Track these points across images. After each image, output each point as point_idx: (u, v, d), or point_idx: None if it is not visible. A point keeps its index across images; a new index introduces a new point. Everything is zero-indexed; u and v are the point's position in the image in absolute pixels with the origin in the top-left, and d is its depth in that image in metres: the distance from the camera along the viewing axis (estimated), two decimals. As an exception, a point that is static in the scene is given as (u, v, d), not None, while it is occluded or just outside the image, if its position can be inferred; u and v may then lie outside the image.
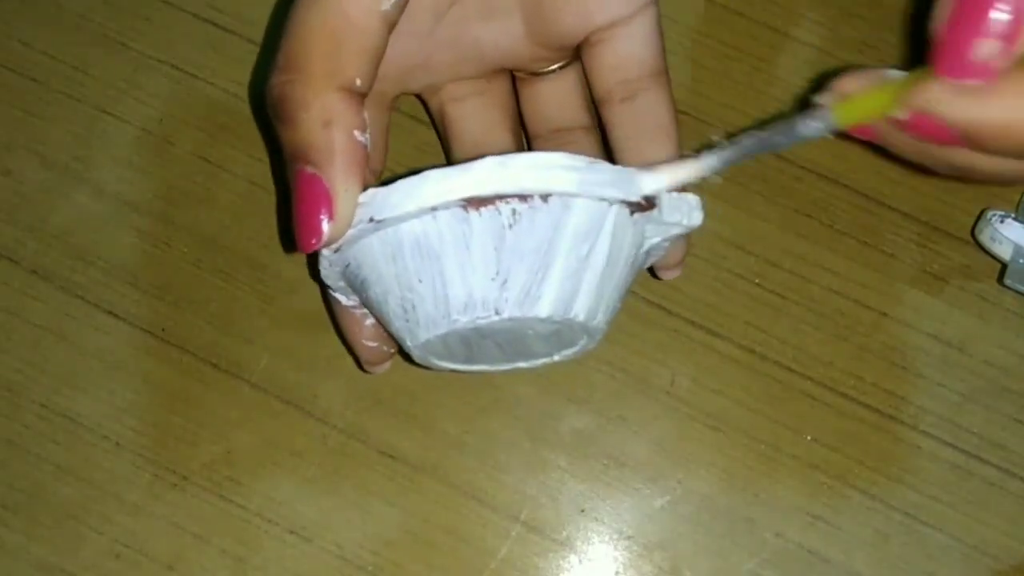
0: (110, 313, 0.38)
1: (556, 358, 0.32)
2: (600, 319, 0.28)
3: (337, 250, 0.28)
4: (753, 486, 0.37)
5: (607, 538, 0.36)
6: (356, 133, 0.26)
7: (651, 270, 0.34)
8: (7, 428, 0.37)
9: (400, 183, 0.26)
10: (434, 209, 0.26)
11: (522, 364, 0.32)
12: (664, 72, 0.32)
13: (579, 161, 0.26)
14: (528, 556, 0.36)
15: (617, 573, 0.36)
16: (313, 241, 0.26)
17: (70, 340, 0.37)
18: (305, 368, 0.37)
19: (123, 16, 0.40)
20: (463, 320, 0.27)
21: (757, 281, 0.38)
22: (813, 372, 0.37)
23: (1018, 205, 0.38)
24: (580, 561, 0.36)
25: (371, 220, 0.26)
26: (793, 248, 0.38)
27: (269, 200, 0.38)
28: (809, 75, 0.40)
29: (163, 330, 0.37)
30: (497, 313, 0.26)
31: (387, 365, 0.34)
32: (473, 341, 0.29)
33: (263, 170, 0.39)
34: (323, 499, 0.36)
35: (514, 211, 0.26)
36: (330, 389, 0.37)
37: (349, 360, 0.37)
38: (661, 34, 0.32)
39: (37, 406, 0.37)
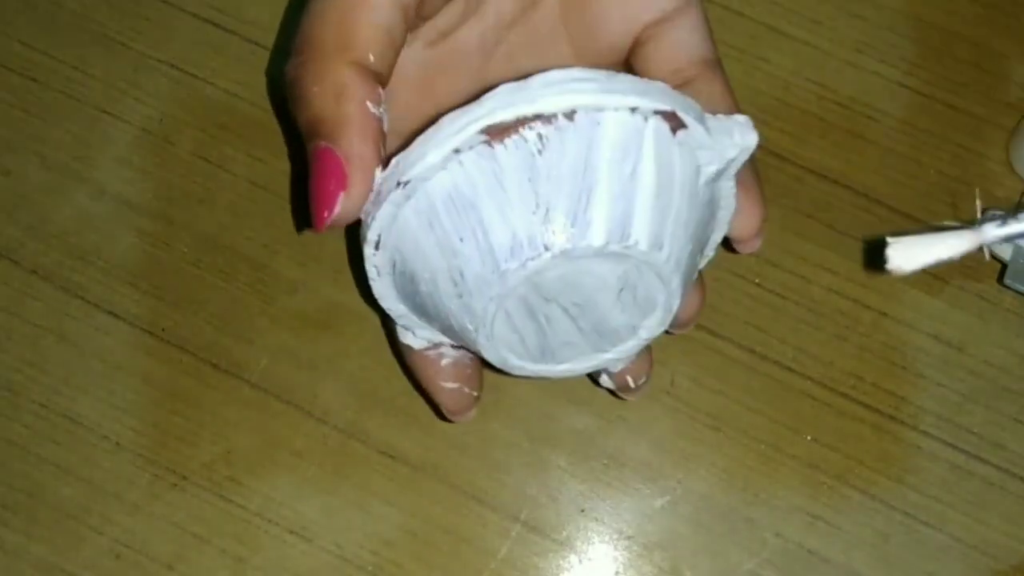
0: (110, 313, 0.38)
1: (644, 335, 0.28)
2: (667, 253, 0.25)
3: (377, 247, 0.27)
4: (753, 486, 0.37)
5: (607, 538, 0.36)
6: (369, 105, 0.26)
7: (729, 246, 0.32)
8: (7, 428, 0.37)
9: (417, 140, 0.25)
10: (457, 152, 0.25)
11: (609, 353, 0.29)
12: (718, 62, 0.31)
13: (597, 73, 0.25)
14: (528, 556, 0.36)
15: (617, 573, 0.36)
16: (326, 213, 0.25)
17: (70, 340, 0.37)
18: (305, 368, 0.37)
19: (123, 16, 0.40)
20: (513, 267, 0.25)
21: (757, 281, 0.38)
22: (813, 372, 0.37)
23: (1018, 205, 0.38)
24: (580, 561, 0.36)
25: (399, 185, 0.25)
26: (793, 248, 0.38)
27: (269, 200, 0.38)
28: (809, 75, 0.40)
29: (163, 330, 0.37)
30: (547, 248, 0.24)
31: (472, 413, 0.33)
32: (539, 311, 0.27)
33: (263, 170, 0.39)
34: (323, 499, 0.36)
35: (540, 135, 0.24)
36: (330, 389, 0.37)
37: (349, 360, 0.37)
38: (710, 28, 0.32)
39: (37, 406, 0.37)
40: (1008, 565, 0.36)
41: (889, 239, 0.27)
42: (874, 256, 0.38)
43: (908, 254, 0.27)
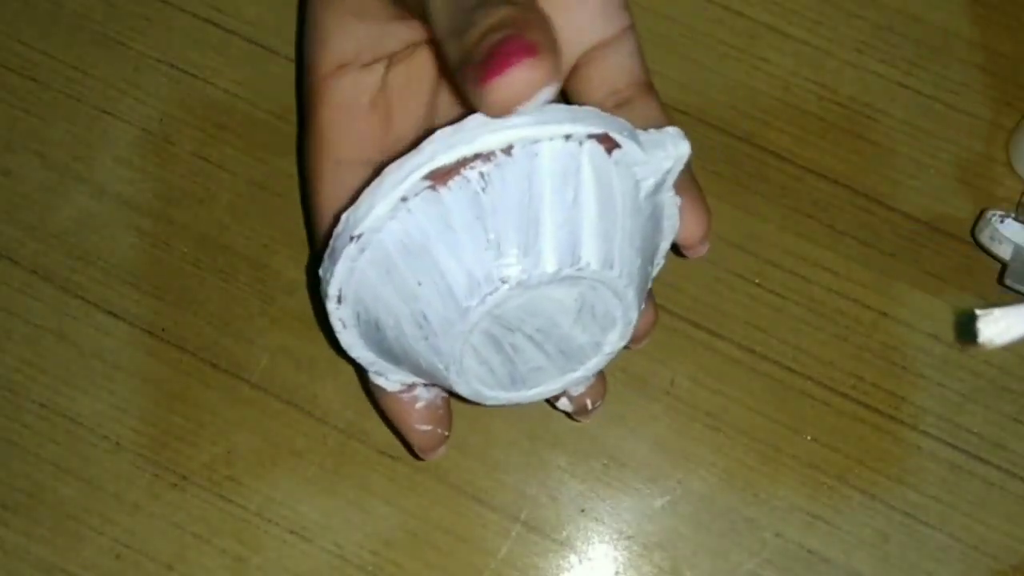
0: (110, 313, 0.38)
1: (607, 350, 0.29)
2: (618, 270, 0.26)
3: (339, 300, 0.27)
4: (753, 486, 0.37)
5: (607, 538, 0.36)
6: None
7: (678, 251, 0.32)
8: (7, 428, 0.37)
9: (363, 194, 0.26)
10: (404, 200, 0.25)
11: (578, 372, 0.30)
12: (652, 86, 0.32)
13: (530, 108, 0.25)
14: (528, 556, 0.36)
15: (617, 573, 0.36)
16: (514, 61, 0.24)
17: (70, 340, 0.37)
18: (305, 368, 0.37)
19: (123, 16, 0.40)
20: (473, 304, 0.25)
21: (757, 281, 0.38)
22: (813, 372, 0.37)
23: (1018, 205, 0.38)
24: (580, 561, 0.36)
25: (352, 239, 0.26)
26: (793, 248, 0.38)
27: (269, 200, 0.38)
28: (809, 75, 0.40)
29: (163, 330, 0.37)
30: (503, 282, 0.25)
31: (443, 450, 0.33)
32: (504, 343, 0.27)
33: (263, 170, 0.39)
34: (323, 499, 0.36)
35: (481, 174, 0.25)
36: (330, 389, 0.37)
37: (349, 360, 0.37)
38: (643, 56, 0.33)
39: (37, 406, 0.37)
40: (1008, 565, 0.36)
41: (979, 312, 0.27)
42: (965, 329, 0.38)
43: (1000, 328, 0.27)
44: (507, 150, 0.25)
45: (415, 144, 0.26)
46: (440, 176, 0.25)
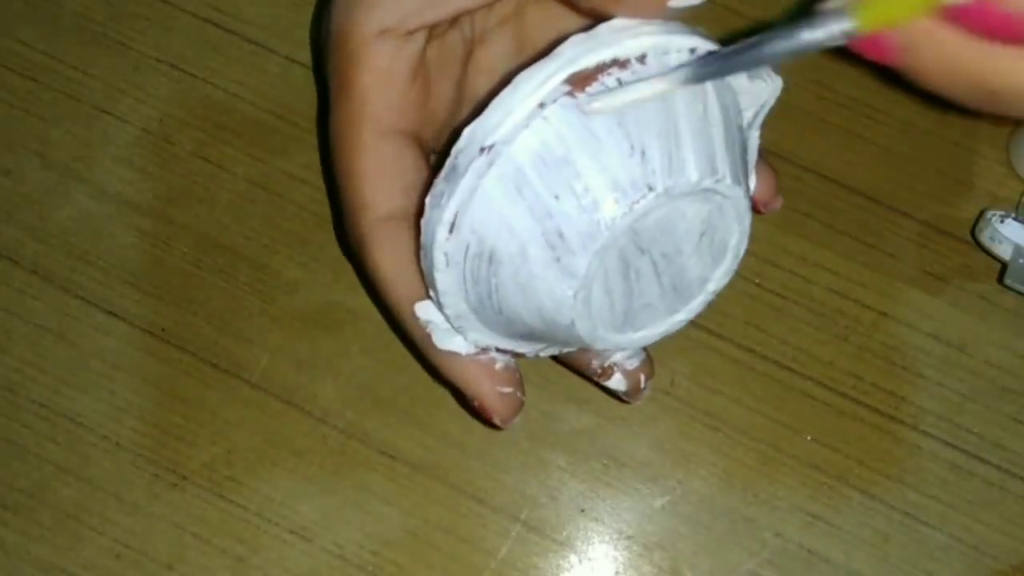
0: (110, 313, 0.38)
1: (711, 288, 0.29)
2: (743, 188, 0.26)
3: (452, 228, 0.26)
4: (753, 486, 0.37)
5: (607, 538, 0.36)
6: None
7: (755, 208, 0.31)
8: (7, 428, 0.37)
9: (491, 104, 0.25)
10: (541, 106, 0.24)
11: (680, 314, 0.29)
12: None
13: (647, 20, 0.25)
14: (528, 556, 0.36)
15: (617, 573, 0.36)
16: None
17: (70, 340, 0.37)
18: (305, 368, 0.37)
19: (123, 16, 0.40)
20: (619, 213, 0.24)
21: (757, 281, 0.38)
22: (813, 372, 0.37)
23: (1018, 205, 0.38)
24: (580, 561, 0.36)
25: (481, 151, 0.25)
26: (793, 248, 0.38)
27: (269, 200, 0.38)
28: (809, 75, 0.40)
29: (163, 330, 0.37)
30: (650, 189, 0.24)
31: (518, 419, 0.31)
32: (632, 266, 0.26)
33: (263, 170, 0.39)
34: (323, 499, 0.36)
35: (620, 81, 0.25)
36: (330, 389, 0.37)
37: (349, 360, 0.37)
38: None
39: (37, 406, 0.37)
40: (1008, 565, 0.36)
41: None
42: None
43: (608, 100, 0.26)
44: (641, 58, 0.25)
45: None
46: (579, 81, 0.24)
